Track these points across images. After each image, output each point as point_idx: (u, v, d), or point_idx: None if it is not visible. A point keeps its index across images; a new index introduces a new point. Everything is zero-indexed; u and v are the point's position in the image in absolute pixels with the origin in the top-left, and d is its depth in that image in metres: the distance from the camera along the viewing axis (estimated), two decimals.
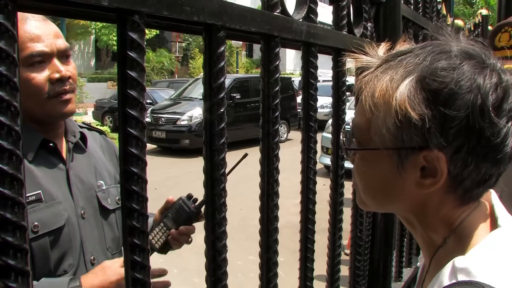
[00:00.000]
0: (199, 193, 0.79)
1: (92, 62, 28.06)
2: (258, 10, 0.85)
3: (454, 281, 0.65)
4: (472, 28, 4.84)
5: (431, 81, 0.66)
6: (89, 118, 14.34)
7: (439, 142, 0.65)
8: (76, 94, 1.31)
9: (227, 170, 0.81)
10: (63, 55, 1.27)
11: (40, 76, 1.21)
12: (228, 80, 13.10)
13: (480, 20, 4.85)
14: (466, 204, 0.73)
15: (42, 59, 1.21)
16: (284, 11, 0.94)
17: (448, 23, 3.14)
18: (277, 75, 0.94)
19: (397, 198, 0.75)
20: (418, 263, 0.93)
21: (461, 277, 0.64)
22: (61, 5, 0.53)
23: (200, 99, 12.70)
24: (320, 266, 1.37)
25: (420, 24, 2.04)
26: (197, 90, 13.86)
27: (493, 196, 0.77)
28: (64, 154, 1.33)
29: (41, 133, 1.28)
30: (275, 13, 0.90)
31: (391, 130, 0.68)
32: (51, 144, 1.29)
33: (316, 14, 1.08)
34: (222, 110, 0.78)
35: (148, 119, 12.62)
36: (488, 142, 0.65)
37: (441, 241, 0.74)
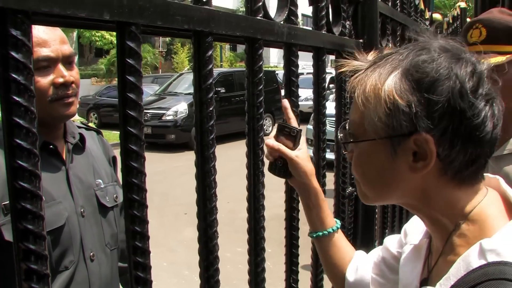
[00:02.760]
0: (188, 187, 0.87)
1: (75, 59, 27.82)
2: (242, 15, 0.93)
3: (484, 262, 0.69)
4: (450, 21, 4.96)
5: (414, 72, 0.75)
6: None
7: (426, 125, 0.73)
8: (78, 98, 1.36)
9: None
10: (68, 61, 1.32)
11: (45, 80, 1.26)
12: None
13: (459, 13, 4.97)
14: (465, 187, 0.78)
15: (47, 64, 1.26)
16: (266, 15, 1.01)
17: (426, 17, 3.24)
18: (261, 75, 1.01)
19: (394, 186, 0.81)
20: (414, 243, 0.99)
21: (491, 258, 0.68)
22: (68, 19, 0.60)
23: (185, 94, 12.84)
24: (308, 256, 1.45)
25: (398, 20, 2.13)
26: (182, 85, 13.90)
27: (502, 184, 0.84)
28: (64, 155, 1.38)
29: (42, 135, 1.31)
30: (257, 18, 0.98)
31: (382, 119, 0.77)
32: (51, 146, 1.34)
33: (296, 16, 1.15)
34: (211, 109, 0.86)
35: None
36: (470, 122, 0.73)
37: (453, 226, 0.79)
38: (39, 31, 1.24)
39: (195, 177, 0.88)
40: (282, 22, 1.10)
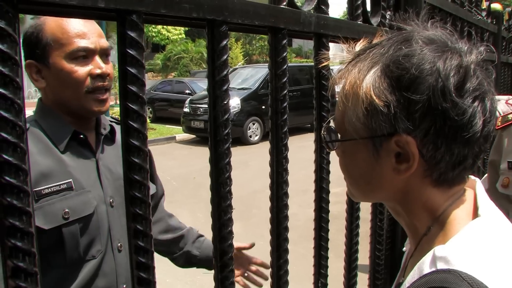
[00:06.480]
0: (237, 182, 0.83)
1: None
2: (261, 3, 0.87)
3: (433, 269, 0.66)
4: None
5: (394, 68, 0.69)
6: None
7: (406, 127, 0.68)
8: (111, 93, 1.40)
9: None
10: (104, 54, 1.36)
11: (83, 70, 1.30)
12: (266, 69, 13.14)
13: None
14: (444, 188, 0.74)
15: (86, 54, 1.31)
16: (291, 3, 0.96)
17: (483, 7, 3.05)
18: (285, 66, 0.96)
19: (378, 186, 0.77)
20: (404, 248, 0.95)
21: (440, 265, 0.66)
22: (58, 7, 0.57)
23: (238, 89, 12.90)
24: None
25: (448, 11, 2.00)
26: (235, 80, 13.93)
27: (477, 185, 0.79)
28: (94, 146, 1.40)
29: (73, 126, 1.35)
30: (280, 6, 0.92)
31: (361, 119, 0.72)
32: (81, 136, 1.37)
33: (327, 5, 1.09)
34: (225, 102, 0.81)
35: (186, 109, 12.84)
36: (454, 122, 0.67)
37: (425, 229, 0.76)
38: (79, 24, 1.30)
39: (209, 174, 0.84)
40: (311, 11, 1.04)
